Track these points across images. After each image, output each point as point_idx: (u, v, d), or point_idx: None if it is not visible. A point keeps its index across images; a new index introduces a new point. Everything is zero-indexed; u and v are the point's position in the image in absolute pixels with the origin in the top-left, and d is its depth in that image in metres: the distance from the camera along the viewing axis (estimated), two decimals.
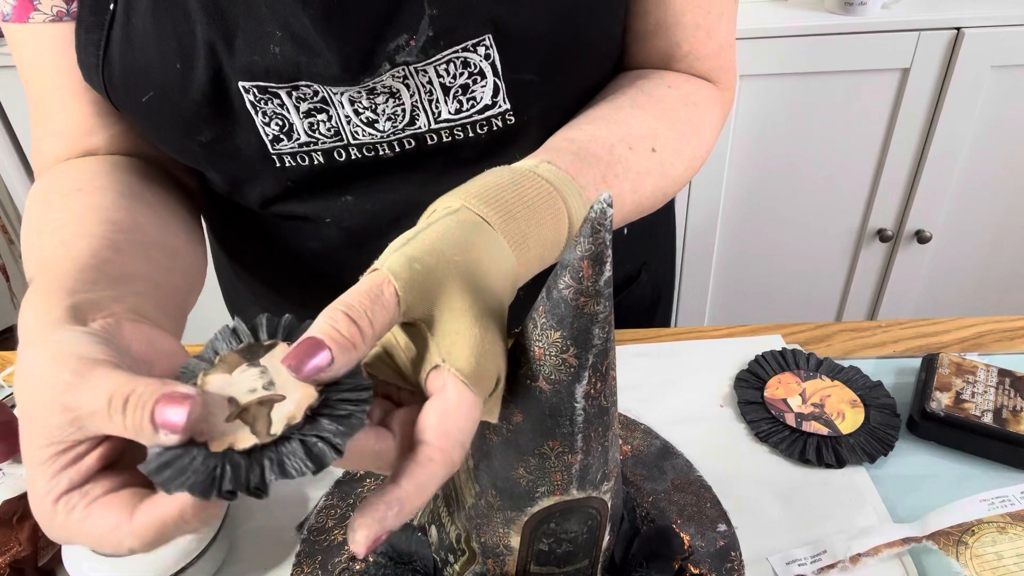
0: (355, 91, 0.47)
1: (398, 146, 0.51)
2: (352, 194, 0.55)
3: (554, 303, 0.33)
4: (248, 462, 0.27)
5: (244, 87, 0.47)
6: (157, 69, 0.47)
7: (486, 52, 0.47)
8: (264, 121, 0.49)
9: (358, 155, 0.51)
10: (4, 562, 0.45)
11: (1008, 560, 0.45)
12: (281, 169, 0.52)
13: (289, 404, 0.28)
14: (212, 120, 0.49)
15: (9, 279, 2.15)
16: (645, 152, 0.49)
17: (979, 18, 1.29)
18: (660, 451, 0.55)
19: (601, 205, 0.30)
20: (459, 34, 0.46)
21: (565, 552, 0.41)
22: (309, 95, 0.48)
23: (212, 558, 0.46)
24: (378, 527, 0.28)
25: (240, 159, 0.52)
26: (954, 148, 1.41)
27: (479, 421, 0.32)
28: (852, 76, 1.35)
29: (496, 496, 0.39)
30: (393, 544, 0.45)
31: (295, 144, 0.50)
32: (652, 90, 0.53)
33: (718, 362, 0.63)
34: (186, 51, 0.46)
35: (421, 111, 0.49)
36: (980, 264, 1.59)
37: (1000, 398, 0.55)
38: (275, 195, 0.55)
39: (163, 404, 0.27)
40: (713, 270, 1.61)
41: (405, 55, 0.46)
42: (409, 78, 0.47)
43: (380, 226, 0.56)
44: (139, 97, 0.49)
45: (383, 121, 0.49)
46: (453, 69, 0.47)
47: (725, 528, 0.49)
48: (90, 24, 0.48)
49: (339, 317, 0.29)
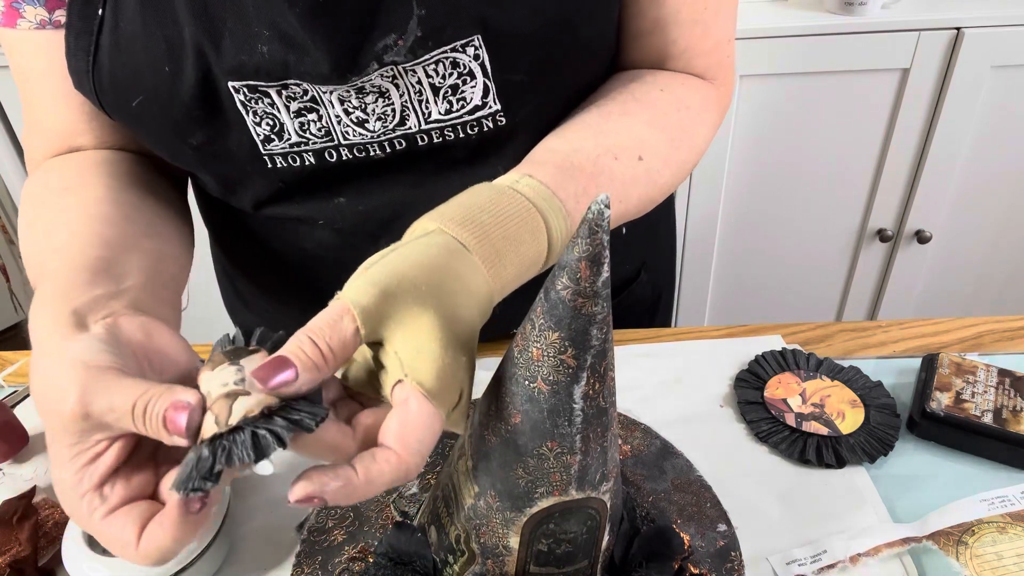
0: (344, 90, 0.47)
1: (389, 147, 0.51)
2: (344, 196, 0.55)
3: (552, 304, 0.33)
4: (210, 450, 0.31)
5: (234, 87, 0.47)
6: (146, 72, 0.47)
7: (475, 53, 0.47)
8: (255, 121, 0.49)
9: (349, 156, 0.51)
10: (4, 562, 0.45)
11: (1008, 560, 0.45)
12: (273, 170, 0.52)
13: (251, 400, 0.31)
14: (203, 122, 0.49)
15: (9, 279, 2.15)
16: (631, 161, 0.49)
17: (979, 18, 1.29)
18: (660, 451, 0.55)
19: (598, 206, 0.30)
20: (448, 34, 0.46)
21: (564, 552, 0.41)
22: (299, 94, 0.48)
23: (212, 558, 0.46)
24: (316, 489, 0.31)
25: (232, 161, 0.52)
26: (954, 148, 1.41)
27: (440, 432, 0.34)
28: (852, 76, 1.35)
29: (495, 497, 0.39)
30: (393, 544, 0.46)
31: (286, 144, 0.50)
32: (644, 95, 0.53)
33: (718, 362, 0.63)
34: (174, 53, 0.46)
35: (411, 111, 0.49)
36: (980, 264, 1.59)
37: (1000, 398, 0.55)
38: (267, 197, 0.55)
39: (171, 412, 0.32)
40: (713, 270, 1.61)
41: (393, 55, 0.46)
42: (398, 78, 0.47)
43: (373, 227, 0.56)
44: (129, 101, 0.49)
45: (373, 121, 0.49)
46: (442, 69, 0.47)
47: (725, 528, 0.49)
48: (79, 30, 0.48)
49: (305, 341, 0.33)
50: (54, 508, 0.50)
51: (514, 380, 0.36)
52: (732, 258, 1.59)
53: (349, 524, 0.50)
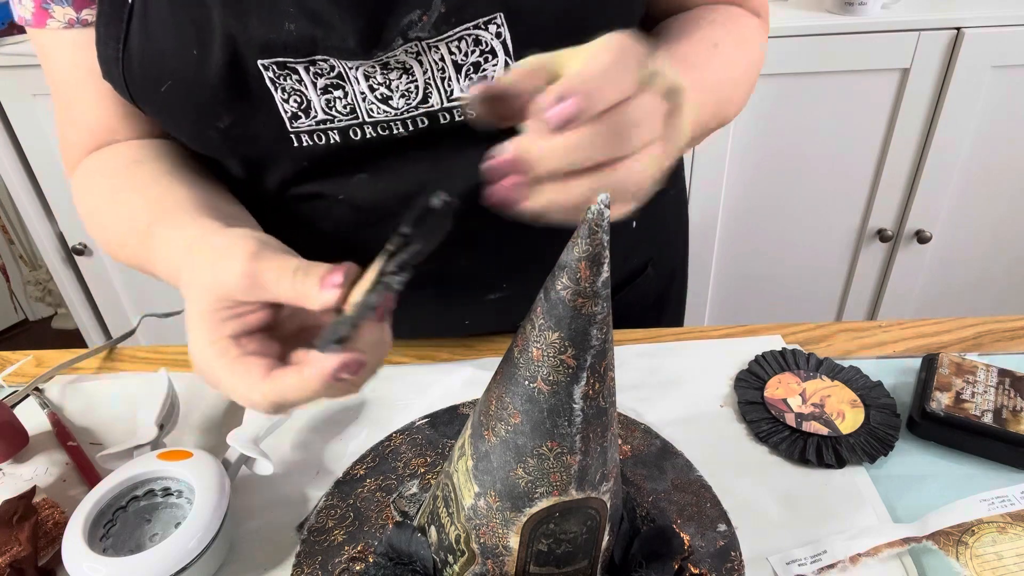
0: (369, 66, 0.49)
1: (411, 124, 0.52)
2: (366, 171, 0.56)
3: (552, 304, 0.33)
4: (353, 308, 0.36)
5: (263, 64, 0.48)
6: (174, 56, 0.49)
7: (497, 31, 0.48)
8: (283, 98, 0.50)
9: (373, 133, 0.52)
10: (4, 562, 0.45)
11: (1008, 560, 0.45)
12: (299, 149, 0.53)
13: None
14: (230, 103, 0.50)
15: (9, 279, 2.15)
16: (727, 47, 0.52)
17: (979, 18, 1.29)
18: (660, 451, 0.55)
19: (598, 207, 0.30)
20: (470, 11, 0.47)
21: (564, 552, 0.41)
22: (326, 70, 0.49)
23: (212, 558, 0.46)
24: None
25: (258, 142, 0.53)
26: (954, 148, 1.41)
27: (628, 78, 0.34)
28: (852, 76, 1.35)
29: (495, 497, 0.39)
30: (393, 545, 0.46)
31: (312, 121, 0.51)
32: (699, 19, 0.55)
33: (718, 362, 0.63)
34: (202, 36, 0.48)
35: (434, 88, 0.50)
36: (980, 264, 1.59)
37: (1000, 398, 0.55)
38: (291, 176, 0.56)
39: (327, 274, 0.36)
40: (713, 270, 1.61)
41: (417, 30, 0.47)
42: (422, 54, 0.48)
43: (392, 203, 0.56)
44: (158, 87, 0.50)
45: (397, 98, 0.50)
46: (465, 47, 0.48)
47: (725, 528, 0.49)
48: (110, 17, 0.50)
49: None
50: (54, 508, 0.50)
51: (514, 380, 0.36)
52: (732, 258, 1.59)
53: (349, 524, 0.50)
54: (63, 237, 1.59)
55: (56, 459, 0.56)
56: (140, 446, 0.52)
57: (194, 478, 0.47)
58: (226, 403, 0.61)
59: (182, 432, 0.58)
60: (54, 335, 2.21)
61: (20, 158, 1.48)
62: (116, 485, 0.48)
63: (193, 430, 0.59)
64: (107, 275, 1.62)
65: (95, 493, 0.47)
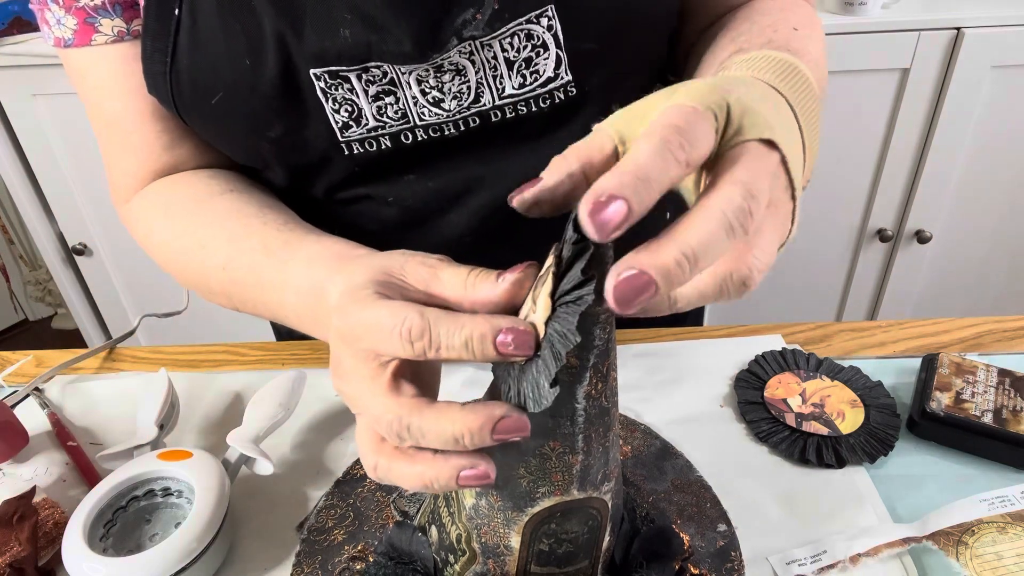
0: (423, 70, 0.48)
1: (463, 124, 0.52)
2: (414, 172, 0.55)
3: None
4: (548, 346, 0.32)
5: (315, 74, 0.48)
6: (226, 67, 0.48)
7: (548, 23, 0.48)
8: (334, 108, 0.50)
9: (424, 136, 0.52)
10: (4, 562, 0.45)
11: (1008, 560, 0.45)
12: (349, 157, 0.53)
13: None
14: (282, 113, 0.50)
15: (9, 279, 2.15)
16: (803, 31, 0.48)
17: (979, 18, 1.29)
18: (660, 451, 0.55)
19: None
20: (523, 6, 0.47)
21: (566, 552, 0.41)
22: (378, 77, 0.49)
23: (212, 558, 0.46)
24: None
25: (308, 151, 0.52)
26: (954, 148, 1.41)
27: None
28: (852, 76, 1.35)
29: (496, 496, 0.39)
30: (393, 544, 0.46)
31: (363, 130, 0.51)
32: (765, 11, 0.52)
33: (718, 362, 0.63)
34: (255, 45, 0.47)
35: (486, 87, 0.50)
36: (980, 264, 1.59)
37: (1000, 398, 0.55)
38: (340, 182, 0.56)
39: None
40: None
41: (472, 29, 0.47)
42: (475, 53, 0.48)
43: (441, 204, 0.56)
44: (208, 99, 0.49)
45: (449, 100, 0.50)
46: (517, 42, 0.48)
47: (725, 528, 0.49)
48: (156, 31, 0.49)
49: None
50: (54, 508, 0.50)
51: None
52: None
53: (349, 524, 0.50)
54: (63, 237, 1.59)
55: (56, 459, 0.56)
56: (140, 446, 0.52)
57: (194, 478, 0.47)
58: (226, 403, 0.61)
59: (182, 432, 0.58)
60: (54, 335, 2.21)
61: (20, 158, 1.48)
62: (116, 485, 0.48)
63: (193, 430, 0.59)
64: (107, 275, 1.62)
65: (95, 493, 0.47)
